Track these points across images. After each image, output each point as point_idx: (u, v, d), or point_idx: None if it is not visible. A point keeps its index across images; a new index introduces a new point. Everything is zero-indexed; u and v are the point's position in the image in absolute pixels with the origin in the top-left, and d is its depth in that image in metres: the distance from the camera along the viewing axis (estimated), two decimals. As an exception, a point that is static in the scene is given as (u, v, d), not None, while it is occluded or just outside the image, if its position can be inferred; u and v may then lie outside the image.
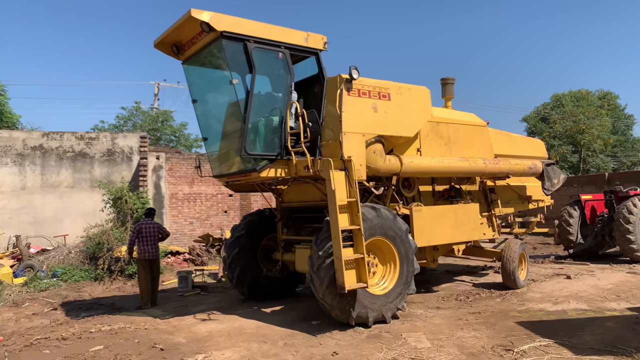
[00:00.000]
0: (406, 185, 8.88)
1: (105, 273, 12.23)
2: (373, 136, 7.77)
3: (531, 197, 11.65)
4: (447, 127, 9.29)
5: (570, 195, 18.40)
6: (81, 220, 14.83)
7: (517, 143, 11.29)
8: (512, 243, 9.83)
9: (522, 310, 8.03)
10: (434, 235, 8.47)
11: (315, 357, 6.00)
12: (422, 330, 7.01)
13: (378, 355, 5.94)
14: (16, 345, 6.94)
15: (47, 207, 16.16)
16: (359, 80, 7.52)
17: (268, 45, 7.29)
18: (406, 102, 8.25)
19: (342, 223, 6.69)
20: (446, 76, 10.95)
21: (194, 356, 6.12)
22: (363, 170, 7.49)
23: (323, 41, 7.82)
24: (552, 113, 38.57)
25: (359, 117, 7.56)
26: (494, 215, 10.32)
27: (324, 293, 6.90)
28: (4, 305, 9.82)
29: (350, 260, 6.68)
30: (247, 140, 7.17)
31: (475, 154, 9.47)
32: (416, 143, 8.75)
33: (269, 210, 9.67)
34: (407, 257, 7.55)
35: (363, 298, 6.97)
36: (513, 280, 9.49)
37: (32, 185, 16.15)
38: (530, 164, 10.38)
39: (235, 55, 7.13)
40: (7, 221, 15.58)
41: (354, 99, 7.54)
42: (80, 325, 7.99)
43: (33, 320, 8.52)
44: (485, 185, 10.34)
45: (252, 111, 7.18)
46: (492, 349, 6.08)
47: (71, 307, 9.56)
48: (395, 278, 7.45)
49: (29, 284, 11.43)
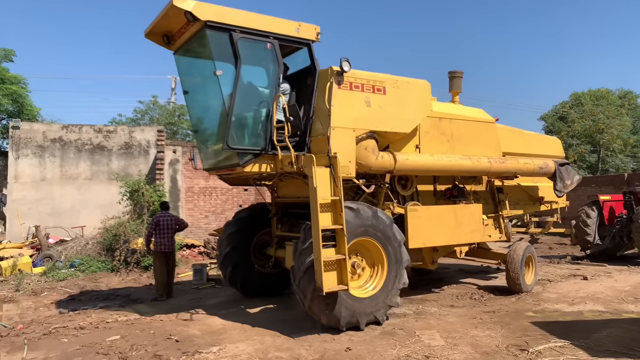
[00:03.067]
0: (403, 184, 8.52)
1: (121, 264, 12.39)
2: (365, 132, 7.43)
3: (543, 198, 11.09)
4: (450, 123, 8.83)
5: (588, 195, 18.18)
6: (98, 212, 15.02)
7: (531, 141, 10.78)
8: (518, 245, 9.45)
9: (538, 311, 7.97)
10: (430, 236, 8.07)
11: (328, 352, 6.02)
12: (436, 328, 7.00)
13: (391, 352, 5.95)
14: (35, 334, 7.07)
15: (65, 198, 16.41)
16: (351, 73, 7.23)
17: (255, 36, 6.97)
18: (403, 97, 7.84)
19: (323, 222, 6.44)
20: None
21: (209, 348, 6.19)
22: (352, 167, 7.22)
23: (316, 32, 7.41)
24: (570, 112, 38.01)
25: (350, 111, 7.25)
26: (501, 217, 9.92)
27: (310, 302, 6.64)
28: (23, 294, 10.00)
29: (331, 261, 6.42)
30: (230, 134, 6.91)
31: (481, 151, 9.04)
32: (415, 139, 8.36)
33: (262, 205, 9.42)
34: (395, 254, 7.23)
35: (348, 300, 6.70)
36: (518, 285, 9.10)
37: (51, 177, 16.40)
38: (541, 163, 9.82)
39: (220, 45, 6.86)
40: (27, 212, 15.86)
41: (345, 93, 7.22)
42: (97, 315, 8.11)
43: (51, 309, 8.67)
44: (492, 184, 9.94)
45: (236, 104, 6.92)
46: (506, 348, 6.05)
47: (88, 297, 9.71)
48: (384, 277, 7.14)
49: (47, 274, 11.62)
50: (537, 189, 11.01)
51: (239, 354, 5.95)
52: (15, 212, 15.92)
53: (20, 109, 25.80)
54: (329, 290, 6.30)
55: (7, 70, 25.98)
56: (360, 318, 6.77)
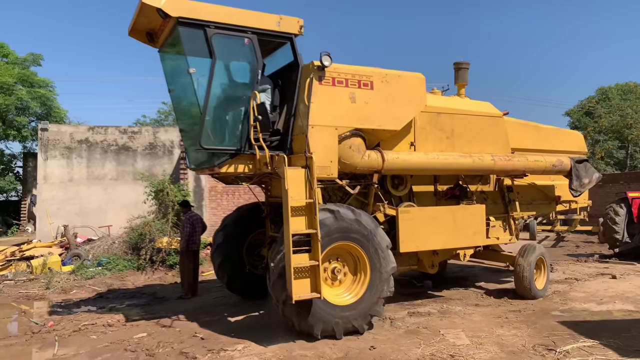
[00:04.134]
0: (397, 184, 8.05)
1: (147, 263, 12.59)
2: (348, 129, 7.01)
3: (560, 198, 10.27)
4: (450, 119, 8.24)
5: (616, 192, 17.76)
6: (124, 211, 15.28)
7: (547, 136, 10.04)
8: (528, 246, 8.88)
9: (565, 310, 7.84)
10: (424, 239, 7.56)
11: (352, 350, 6.03)
12: (461, 327, 6.94)
13: (416, 351, 5.92)
14: (65, 330, 7.25)
15: (92, 198, 16.75)
16: (334, 67, 6.83)
17: (232, 31, 6.65)
18: (393, 92, 7.33)
19: (295, 227, 6.12)
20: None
21: (234, 346, 6.25)
22: (334, 168, 6.84)
23: (299, 25, 7.01)
24: (597, 107, 37.22)
25: (332, 108, 6.84)
26: (511, 217, 9.31)
27: (283, 308, 6.40)
28: (53, 291, 10.25)
29: (304, 267, 6.12)
30: (204, 134, 6.67)
31: (486, 148, 8.43)
32: (409, 136, 7.86)
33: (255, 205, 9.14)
34: (379, 260, 6.77)
35: (324, 308, 6.36)
36: (528, 289, 8.51)
37: (78, 177, 16.76)
38: (554, 160, 9.00)
39: (194, 42, 6.57)
40: (56, 211, 16.24)
41: (326, 89, 6.80)
42: (124, 312, 8.27)
43: (80, 307, 8.86)
44: (502, 184, 9.33)
45: (210, 102, 6.66)
46: (533, 348, 5.97)
47: (115, 295, 9.90)
48: (366, 284, 6.72)
49: (76, 272, 11.89)
50: (553, 187, 10.20)
51: (263, 352, 6.00)
52: (44, 212, 16.32)
53: (49, 111, 26.45)
54: (299, 299, 6.02)
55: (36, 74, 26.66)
56: (336, 327, 6.43)
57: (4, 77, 23.74)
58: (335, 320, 6.44)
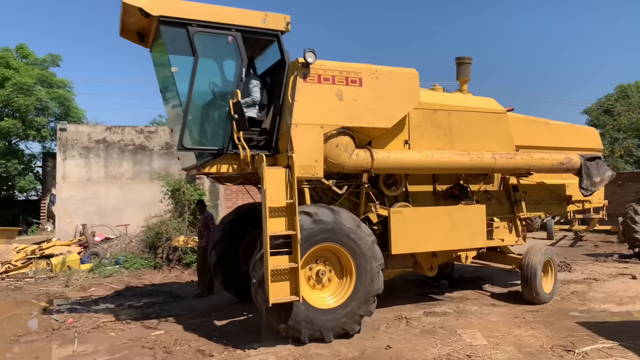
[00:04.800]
0: (390, 183, 7.77)
1: (163, 262, 12.72)
2: (335, 128, 6.83)
3: (571, 197, 9.72)
4: (448, 116, 7.95)
5: (636, 191, 17.48)
6: (141, 210, 15.43)
7: (558, 132, 9.60)
8: (534, 248, 8.47)
9: (583, 310, 7.74)
10: (418, 240, 7.28)
11: (368, 349, 6.03)
12: (478, 327, 6.90)
13: (432, 351, 5.90)
14: (84, 327, 7.36)
15: (110, 197, 16.96)
16: (320, 64, 6.70)
17: (214, 29, 6.53)
18: (383, 88, 7.12)
19: (273, 228, 5.99)
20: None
21: (250, 344, 6.28)
22: (319, 167, 6.66)
23: (285, 21, 6.81)
24: (616, 105, 36.61)
25: (318, 106, 6.68)
26: (518, 218, 8.95)
27: (267, 312, 6.22)
28: (72, 289, 10.41)
29: (283, 270, 5.97)
30: (185, 133, 6.56)
31: (488, 146, 8.10)
32: (403, 134, 7.60)
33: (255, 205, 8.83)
34: (365, 259, 6.52)
35: (308, 312, 6.19)
36: (534, 293, 8.08)
37: (96, 177, 16.99)
38: (562, 158, 8.55)
39: (177, 40, 6.51)
40: (74, 210, 16.47)
41: (312, 86, 6.66)
42: (142, 310, 8.37)
43: (99, 304, 8.99)
44: (507, 183, 8.95)
45: (193, 101, 6.57)
46: (551, 349, 5.91)
47: (133, 293, 10.02)
48: (352, 285, 6.48)
49: (94, 270, 12.06)
50: (564, 187, 9.67)
51: (279, 351, 6.02)
52: (63, 211, 16.57)
53: (67, 111, 26.79)
54: (276, 302, 5.87)
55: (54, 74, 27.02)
56: (324, 331, 6.26)
57: (24, 77, 24.11)
58: (322, 323, 6.25)
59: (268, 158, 6.50)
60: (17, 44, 26.51)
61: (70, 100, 26.85)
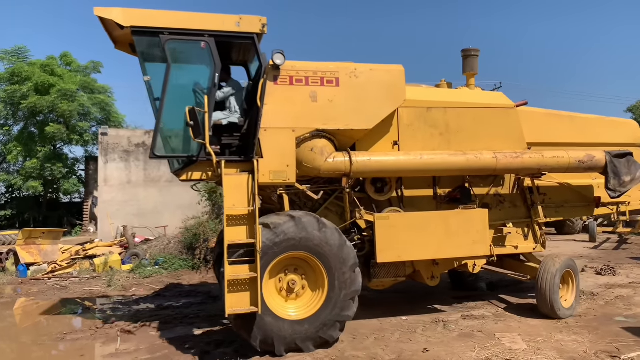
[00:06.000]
0: (380, 187, 7.30)
1: (201, 263, 12.94)
2: (308, 131, 6.56)
3: (600, 199, 8.64)
4: (444, 113, 7.43)
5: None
6: (179, 212, 15.79)
7: (586, 127, 8.66)
8: (552, 258, 7.70)
9: (629, 315, 7.48)
10: (408, 248, 6.77)
11: (405, 352, 5.99)
12: (517, 331, 6.76)
13: (470, 355, 5.82)
14: (127, 326, 7.56)
15: (149, 199, 17.42)
16: (292, 65, 6.51)
17: (187, 36, 6.41)
18: (364, 87, 6.76)
19: (231, 237, 5.82)
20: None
21: (286, 345, 6.31)
22: (291, 172, 6.44)
23: (261, 23, 6.54)
24: (663, 102, 35.22)
25: (289, 109, 6.47)
26: (535, 223, 8.15)
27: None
28: (114, 289, 10.72)
29: (243, 280, 5.76)
30: (157, 142, 6.45)
31: (494, 144, 7.48)
32: (392, 135, 7.18)
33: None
34: (335, 264, 6.17)
35: (276, 323, 5.96)
36: (550, 308, 7.34)
37: (136, 180, 17.48)
38: (582, 155, 7.62)
39: (151, 50, 6.51)
40: (115, 212, 17.00)
41: (283, 88, 6.47)
42: (180, 310, 8.54)
43: (140, 304, 9.22)
44: (522, 184, 8.16)
45: (166, 109, 6.43)
46: (595, 354, 5.74)
47: (172, 293, 10.24)
48: (325, 293, 6.17)
49: (134, 271, 12.40)
50: (592, 188, 8.61)
51: (316, 352, 6.04)
52: (105, 213, 17.12)
53: (108, 116, 27.67)
54: (233, 312, 5.67)
55: (96, 81, 27.94)
56: (301, 342, 6.03)
57: (68, 84, 25.03)
58: (297, 335, 6.02)
59: (243, 164, 6.40)
60: (62, 52, 27.58)
61: (110, 106, 27.75)
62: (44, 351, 6.75)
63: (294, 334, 6.01)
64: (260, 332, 5.88)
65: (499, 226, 7.84)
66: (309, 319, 6.09)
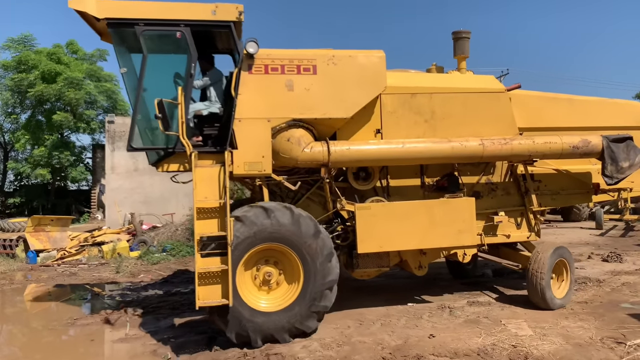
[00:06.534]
0: (363, 177, 7.15)
1: (208, 249, 13.03)
2: (285, 120, 6.43)
3: (599, 186, 8.25)
4: (429, 99, 7.17)
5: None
6: (186, 200, 15.88)
7: (586, 110, 8.25)
8: (544, 246, 7.45)
9: (636, 302, 7.48)
10: (390, 238, 6.59)
11: (411, 338, 6.03)
12: (523, 317, 6.78)
13: (476, 340, 5.85)
14: (135, 312, 7.64)
15: (155, 187, 17.50)
16: (267, 53, 6.36)
17: (162, 26, 6.30)
18: (342, 75, 6.57)
19: (201, 229, 5.80)
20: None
21: (294, 330, 6.38)
22: (267, 163, 6.32)
23: (237, 11, 6.37)
24: (672, 88, 34.81)
25: (264, 98, 6.35)
26: (530, 211, 7.86)
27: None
28: (123, 275, 10.85)
29: (214, 272, 5.72)
30: (134, 134, 6.40)
31: (482, 130, 7.20)
32: (374, 123, 6.98)
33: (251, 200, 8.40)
34: (309, 254, 6.09)
35: (251, 315, 5.89)
36: (541, 298, 7.12)
37: (142, 168, 17.54)
38: (576, 141, 7.23)
39: (125, 41, 6.45)
40: (123, 200, 17.12)
41: (258, 78, 6.34)
42: (188, 296, 8.60)
43: (148, 290, 9.33)
44: (515, 171, 7.87)
45: (142, 100, 6.38)
46: (601, 340, 5.76)
47: (180, 279, 10.34)
48: (300, 284, 6.09)
49: (142, 258, 12.53)
50: (590, 174, 8.27)
51: (322, 338, 6.10)
52: (113, 200, 17.25)
53: (114, 104, 27.73)
54: (204, 305, 5.66)
55: (102, 69, 27.97)
56: (277, 333, 5.96)
57: (75, 72, 25.09)
58: (273, 326, 5.95)
59: (217, 155, 6.33)
60: (68, 40, 27.60)
61: (117, 93, 27.80)
62: (54, 336, 6.86)
63: (270, 325, 5.94)
64: (235, 324, 5.84)
65: (490, 214, 7.64)
66: (284, 310, 6.03)
